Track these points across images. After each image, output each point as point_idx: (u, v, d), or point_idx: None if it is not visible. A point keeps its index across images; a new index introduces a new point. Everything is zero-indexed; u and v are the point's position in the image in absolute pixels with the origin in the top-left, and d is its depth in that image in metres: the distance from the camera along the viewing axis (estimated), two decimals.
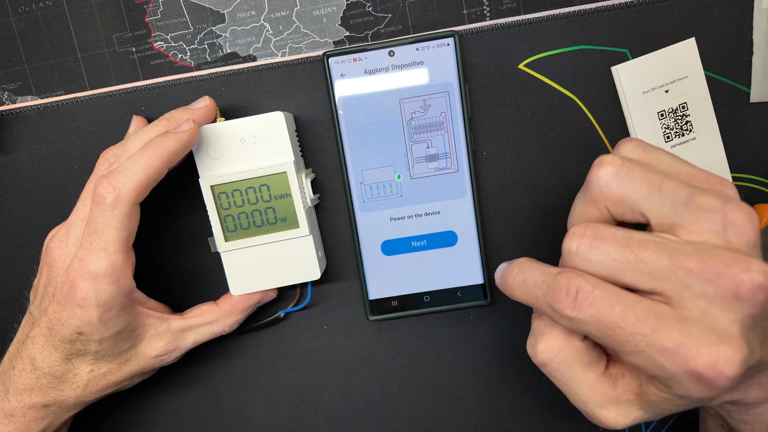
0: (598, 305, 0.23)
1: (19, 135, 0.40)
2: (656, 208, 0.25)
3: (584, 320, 0.24)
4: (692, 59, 0.37)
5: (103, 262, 0.31)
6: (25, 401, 0.34)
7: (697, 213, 0.24)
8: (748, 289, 0.22)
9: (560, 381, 0.27)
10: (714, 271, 0.23)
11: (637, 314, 0.23)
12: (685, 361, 0.23)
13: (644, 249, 0.24)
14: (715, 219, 0.24)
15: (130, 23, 0.39)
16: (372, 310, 0.40)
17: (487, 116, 0.39)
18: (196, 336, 0.37)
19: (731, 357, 0.22)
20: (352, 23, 0.38)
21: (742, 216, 0.24)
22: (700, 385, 0.23)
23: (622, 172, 0.25)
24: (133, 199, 0.32)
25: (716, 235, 0.24)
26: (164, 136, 0.32)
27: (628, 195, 0.25)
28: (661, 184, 0.25)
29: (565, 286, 0.24)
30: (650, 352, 0.23)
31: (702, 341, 0.22)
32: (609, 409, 0.26)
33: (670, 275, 0.23)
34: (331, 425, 0.42)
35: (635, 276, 0.24)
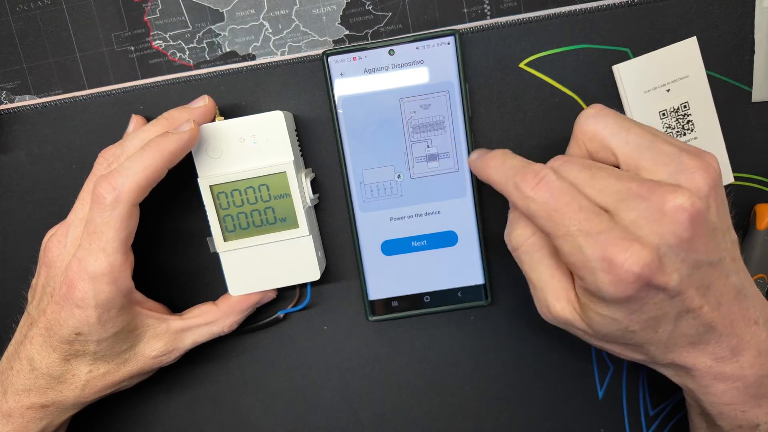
0: (553, 190, 0.27)
1: (17, 134, 0.39)
2: (622, 146, 0.29)
3: (537, 200, 0.27)
4: (694, 58, 0.37)
5: (101, 263, 0.31)
6: (23, 402, 0.34)
7: (657, 156, 0.28)
8: (671, 207, 0.26)
9: (527, 264, 0.31)
10: (648, 190, 0.26)
11: (580, 205, 0.27)
12: (601, 247, 0.26)
13: (600, 171, 0.28)
14: (672, 163, 0.27)
15: (129, 22, 0.38)
16: (372, 311, 0.40)
17: (487, 116, 0.39)
18: (195, 336, 0.37)
19: (639, 253, 0.25)
20: (351, 22, 0.38)
21: (696, 164, 0.27)
22: (609, 275, 0.26)
23: (600, 114, 0.30)
24: (132, 199, 0.31)
25: (669, 176, 0.27)
26: (164, 136, 0.32)
27: (600, 131, 0.29)
28: (630, 127, 0.29)
29: (536, 171, 0.28)
30: (577, 235, 0.26)
31: (620, 235, 0.26)
32: (559, 299, 0.30)
33: (615, 191, 0.27)
34: (331, 425, 0.42)
35: (588, 190, 0.28)
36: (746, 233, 0.39)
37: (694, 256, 0.26)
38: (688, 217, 0.26)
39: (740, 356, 0.28)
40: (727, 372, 0.29)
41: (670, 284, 0.26)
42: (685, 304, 0.27)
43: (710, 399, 0.30)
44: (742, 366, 0.29)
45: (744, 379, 0.29)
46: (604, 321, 0.28)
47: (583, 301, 0.29)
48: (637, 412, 0.41)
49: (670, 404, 0.41)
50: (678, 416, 0.41)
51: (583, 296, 0.28)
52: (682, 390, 0.32)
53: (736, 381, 0.29)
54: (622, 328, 0.28)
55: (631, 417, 0.41)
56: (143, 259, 0.39)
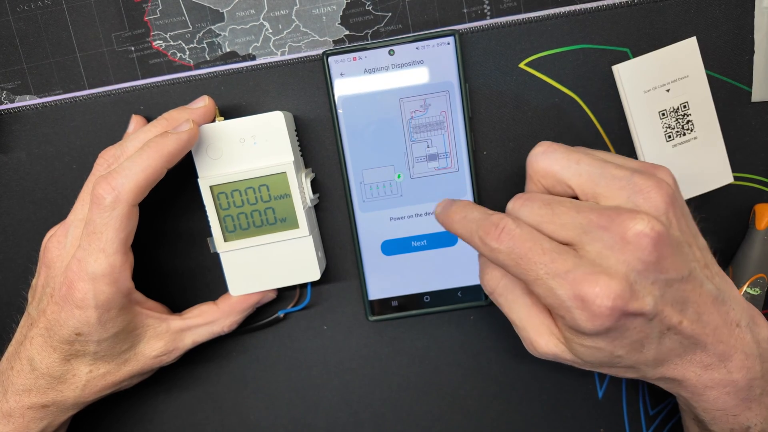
0: (515, 239, 0.27)
1: (17, 134, 0.39)
2: (575, 178, 0.29)
3: (502, 250, 0.28)
4: (693, 58, 0.37)
5: (101, 263, 0.31)
6: (23, 401, 0.34)
7: (610, 182, 0.28)
8: (632, 234, 0.26)
9: (504, 306, 0.32)
10: (608, 220, 0.26)
11: (543, 248, 0.27)
12: (571, 285, 0.26)
13: (560, 205, 0.28)
14: (626, 187, 0.28)
15: (129, 22, 0.38)
16: (372, 311, 0.40)
17: (487, 115, 0.39)
18: (195, 336, 0.37)
19: (609, 286, 0.26)
20: (351, 22, 0.38)
21: (649, 184, 0.27)
22: (584, 312, 0.26)
23: (548, 151, 0.30)
24: (132, 199, 0.31)
25: (627, 200, 0.28)
26: (163, 137, 0.32)
27: (551, 167, 0.30)
28: (579, 159, 0.29)
29: (495, 223, 0.28)
30: (547, 278, 0.27)
31: (588, 271, 0.26)
32: (541, 335, 0.30)
33: (576, 225, 0.27)
34: (331, 425, 0.42)
35: (550, 227, 0.28)
36: (746, 233, 0.39)
37: (663, 276, 0.27)
38: (650, 241, 0.26)
39: (728, 362, 0.29)
40: (717, 378, 0.29)
41: (645, 308, 0.26)
42: (665, 323, 0.27)
43: (702, 405, 0.30)
44: (731, 371, 0.29)
45: (734, 384, 0.29)
46: (590, 351, 0.28)
47: (566, 335, 0.29)
48: (637, 412, 0.41)
49: (670, 404, 0.41)
50: (677, 416, 0.41)
51: (566, 331, 0.29)
52: (675, 397, 0.33)
53: (726, 386, 0.29)
54: (608, 355, 0.28)
55: (630, 417, 0.41)
56: (143, 259, 0.39)
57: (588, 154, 0.29)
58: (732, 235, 0.39)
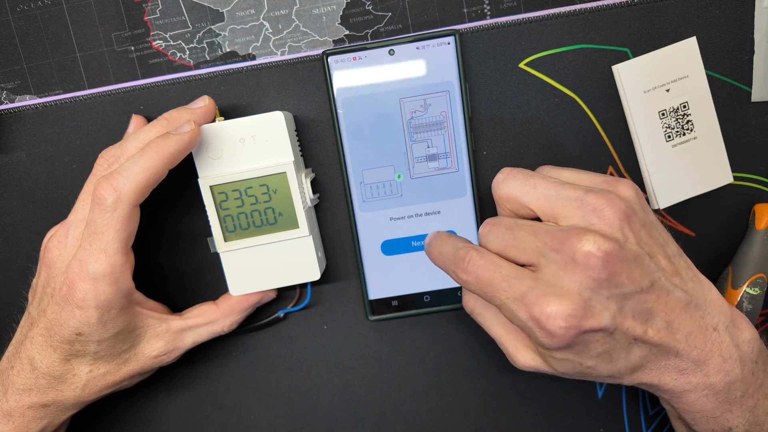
0: (479, 269, 0.29)
1: (17, 134, 0.39)
2: (534, 201, 0.30)
3: (470, 281, 0.30)
4: (693, 58, 0.37)
5: (102, 264, 0.31)
6: (23, 401, 0.34)
7: (566, 203, 0.29)
8: (581, 254, 0.27)
9: (484, 325, 0.34)
10: (559, 242, 0.28)
11: (503, 274, 0.29)
12: (528, 308, 0.27)
13: (521, 230, 0.30)
14: (581, 207, 0.29)
15: (129, 22, 0.38)
16: (372, 310, 0.40)
17: (487, 115, 0.39)
18: (196, 336, 0.37)
19: (560, 305, 0.27)
20: (351, 22, 0.38)
21: (602, 202, 0.28)
22: (542, 332, 0.27)
23: (508, 177, 0.32)
24: (133, 200, 0.31)
25: (582, 219, 0.29)
26: (165, 137, 0.32)
27: (512, 192, 0.31)
28: (536, 183, 0.31)
29: (462, 257, 0.30)
30: (508, 303, 0.28)
31: (540, 293, 0.27)
32: (519, 350, 0.32)
33: (534, 248, 0.29)
34: (331, 425, 0.42)
35: (513, 251, 0.30)
36: (745, 233, 0.39)
37: (619, 291, 0.27)
38: (599, 260, 0.27)
39: (704, 366, 0.29)
40: (694, 382, 0.29)
41: (602, 323, 0.27)
42: (629, 335, 0.28)
43: (682, 407, 0.31)
44: (708, 375, 0.29)
45: (711, 387, 0.29)
46: (562, 363, 0.29)
47: (539, 350, 0.30)
48: (637, 412, 0.41)
49: None
50: None
51: (537, 346, 0.30)
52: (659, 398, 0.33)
53: (704, 389, 0.29)
54: (579, 366, 0.29)
55: (630, 417, 0.41)
56: (144, 259, 0.39)
57: (544, 178, 0.31)
58: (732, 235, 0.39)
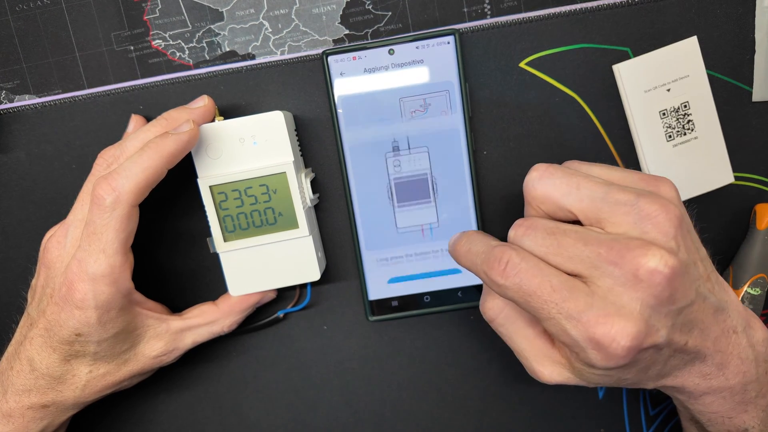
0: (522, 275, 0.26)
1: (17, 134, 0.39)
2: (577, 204, 0.28)
3: (509, 287, 0.27)
4: (694, 58, 0.37)
5: (101, 264, 0.31)
6: (23, 402, 0.34)
7: (615, 207, 0.27)
8: (645, 271, 0.25)
9: (505, 335, 0.31)
10: (618, 255, 0.25)
11: (552, 285, 0.26)
12: (585, 328, 0.25)
13: (565, 236, 0.27)
14: (632, 212, 0.26)
15: (129, 21, 0.38)
16: (372, 311, 0.39)
17: (487, 115, 0.38)
18: (195, 336, 0.37)
19: (625, 328, 0.25)
20: (351, 21, 0.38)
21: (656, 208, 0.26)
22: (599, 353, 0.26)
23: (545, 175, 0.29)
24: (132, 200, 0.31)
25: (634, 226, 0.26)
26: (163, 137, 0.32)
27: (551, 194, 0.28)
28: (579, 183, 0.28)
29: (498, 257, 0.27)
30: (559, 318, 0.26)
31: (602, 312, 0.25)
32: (544, 365, 0.30)
33: (584, 258, 0.26)
34: (330, 425, 0.42)
35: (558, 259, 0.27)
36: (746, 233, 0.39)
37: (675, 307, 0.26)
38: (665, 278, 0.25)
39: (725, 369, 0.29)
40: (714, 385, 0.29)
41: (659, 341, 0.26)
42: (672, 347, 0.27)
43: (698, 409, 0.30)
44: (728, 378, 0.29)
45: (730, 389, 0.29)
46: (599, 378, 0.28)
47: (576, 366, 0.28)
48: (637, 413, 0.41)
49: (670, 405, 0.41)
50: (677, 417, 0.41)
51: (577, 363, 0.28)
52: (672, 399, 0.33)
53: (723, 391, 0.29)
54: (616, 379, 0.28)
55: (631, 417, 0.41)
56: (143, 259, 0.39)
57: (587, 177, 0.28)
58: (732, 235, 0.39)
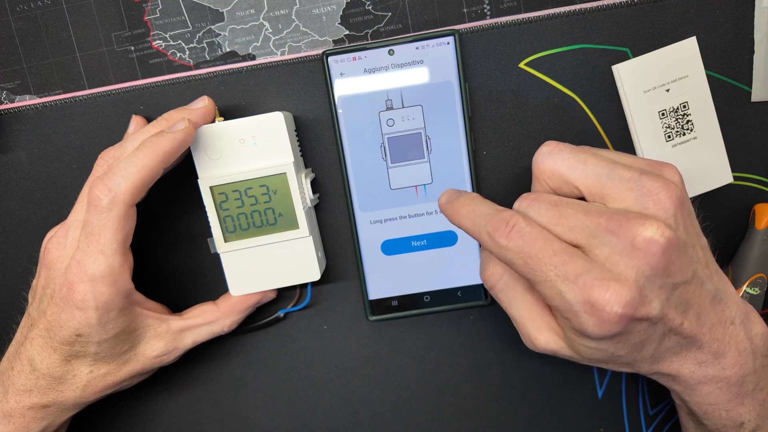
0: (526, 237, 0.27)
1: (17, 134, 0.39)
2: (582, 179, 0.29)
3: (511, 248, 0.27)
4: (693, 58, 0.37)
5: (100, 265, 0.31)
6: (24, 402, 0.34)
7: (618, 183, 0.28)
8: (641, 240, 0.26)
9: (505, 302, 0.32)
10: (617, 225, 0.26)
11: (554, 249, 0.27)
12: (581, 290, 0.26)
13: (568, 208, 0.28)
14: (634, 188, 0.27)
15: (129, 22, 0.38)
16: (372, 310, 0.40)
17: (487, 115, 0.39)
18: (196, 336, 0.37)
19: (619, 292, 0.26)
20: (351, 22, 0.38)
21: (658, 186, 0.27)
22: (592, 317, 0.26)
23: (555, 151, 0.30)
24: (128, 200, 0.31)
25: (636, 202, 0.27)
26: (159, 136, 0.32)
27: (558, 168, 0.30)
28: (586, 159, 0.29)
29: (506, 220, 0.28)
30: (556, 281, 0.27)
31: (598, 276, 0.26)
32: (541, 330, 0.30)
33: (584, 228, 0.27)
34: (330, 425, 0.42)
35: (559, 229, 0.28)
36: (745, 233, 0.39)
37: (670, 280, 0.27)
38: (660, 247, 0.26)
39: (722, 358, 0.29)
40: (710, 374, 0.29)
41: (652, 313, 0.26)
42: (668, 325, 0.27)
43: (695, 400, 0.31)
44: (724, 367, 0.29)
45: (726, 380, 0.29)
46: (592, 351, 0.29)
47: (569, 335, 0.29)
48: (637, 412, 0.41)
49: (670, 404, 0.41)
50: (677, 417, 0.41)
51: (569, 332, 0.29)
52: (669, 391, 0.33)
53: (719, 382, 0.29)
54: (609, 354, 0.29)
55: (630, 417, 0.41)
56: (143, 259, 0.39)
57: (595, 155, 0.29)
58: (732, 235, 0.39)
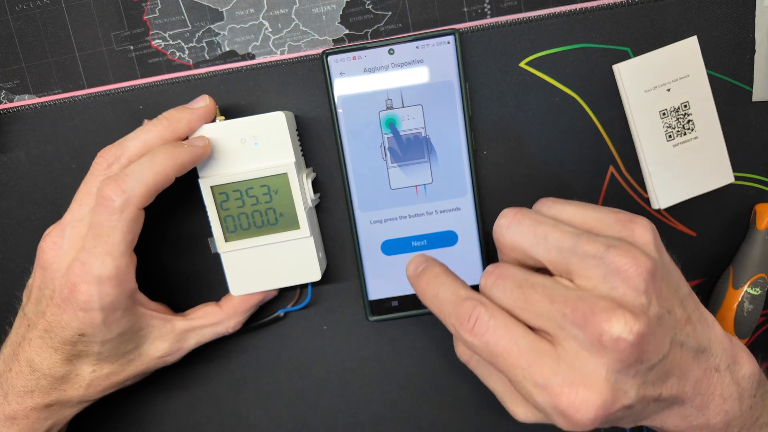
0: (489, 334, 0.26)
1: (16, 134, 0.39)
2: (545, 255, 0.27)
3: (477, 345, 0.26)
4: (694, 58, 0.37)
5: (108, 266, 0.31)
6: (26, 403, 0.34)
7: (583, 260, 0.26)
8: (609, 338, 0.24)
9: (480, 376, 0.31)
10: (583, 318, 0.25)
11: (520, 347, 0.26)
12: (551, 397, 0.25)
13: (533, 291, 0.26)
14: (601, 265, 0.25)
15: (128, 21, 0.38)
16: (372, 311, 0.39)
17: (487, 115, 0.38)
18: (199, 337, 0.37)
19: (590, 399, 0.25)
20: (351, 21, 0.38)
21: (626, 262, 0.25)
22: (565, 421, 0.25)
23: (513, 223, 0.28)
24: (140, 203, 0.31)
25: (603, 281, 0.25)
26: (178, 145, 0.32)
27: (519, 243, 0.28)
28: (546, 233, 0.27)
29: (468, 313, 0.27)
30: (525, 383, 0.26)
31: (567, 381, 0.25)
32: (519, 405, 0.29)
33: (551, 317, 0.25)
34: (330, 426, 0.42)
35: (525, 315, 0.26)
36: (746, 233, 0.39)
37: (645, 366, 0.25)
38: (629, 344, 0.24)
39: (706, 409, 0.28)
40: (695, 424, 0.28)
41: (627, 403, 0.25)
42: (645, 402, 0.26)
43: None
44: (708, 417, 0.28)
45: (711, 427, 0.28)
46: None
47: None
48: None
49: None
50: None
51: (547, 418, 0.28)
52: None
53: (703, 429, 0.29)
54: None
55: None
56: (144, 259, 0.39)
57: (555, 227, 0.27)
58: (733, 235, 0.39)
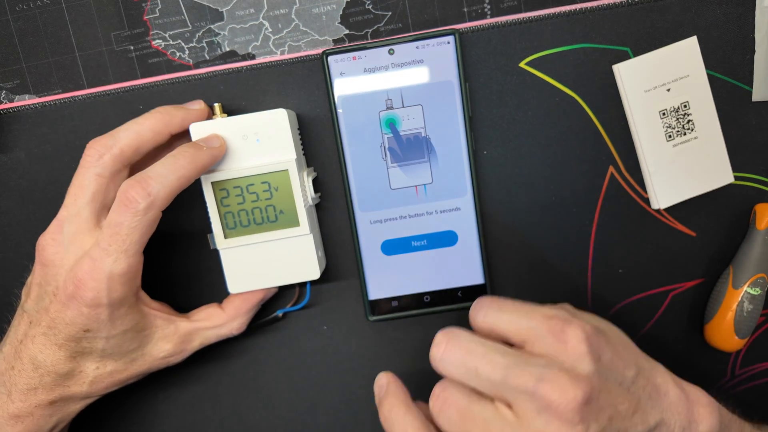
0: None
1: (16, 134, 0.39)
2: (480, 387, 0.28)
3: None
4: (694, 58, 0.37)
5: (121, 263, 0.31)
6: (30, 401, 0.33)
7: (515, 395, 0.26)
8: None
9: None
10: None
11: None
12: None
13: (474, 425, 0.27)
14: (532, 401, 0.26)
15: (128, 21, 0.38)
16: (372, 311, 0.39)
17: (487, 115, 0.38)
18: (203, 339, 0.37)
19: None
20: (351, 21, 0.38)
21: (557, 397, 0.25)
22: None
23: (444, 356, 0.29)
24: (163, 206, 0.32)
25: (537, 415, 0.26)
26: (198, 149, 0.33)
27: (453, 375, 0.29)
28: (477, 367, 0.28)
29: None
30: None
31: None
32: None
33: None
34: (330, 426, 0.42)
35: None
36: (746, 233, 0.39)
37: None
38: None
39: None
40: None
41: None
42: None
43: None
44: None
45: None
46: None
47: None
48: None
49: None
50: None
51: None
52: None
53: None
54: None
55: None
56: (144, 259, 0.39)
57: (485, 359, 0.28)
58: (732, 235, 0.39)
